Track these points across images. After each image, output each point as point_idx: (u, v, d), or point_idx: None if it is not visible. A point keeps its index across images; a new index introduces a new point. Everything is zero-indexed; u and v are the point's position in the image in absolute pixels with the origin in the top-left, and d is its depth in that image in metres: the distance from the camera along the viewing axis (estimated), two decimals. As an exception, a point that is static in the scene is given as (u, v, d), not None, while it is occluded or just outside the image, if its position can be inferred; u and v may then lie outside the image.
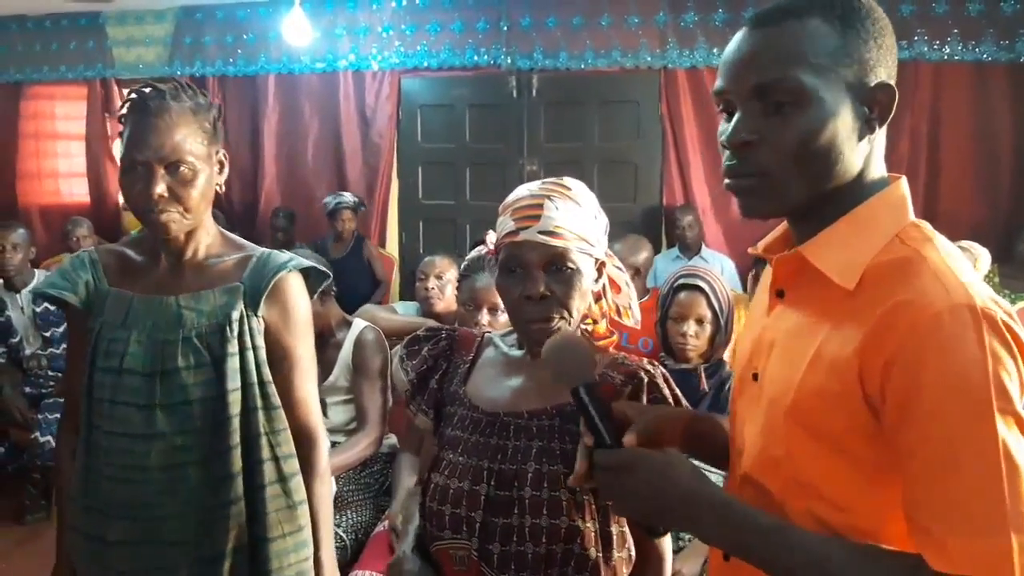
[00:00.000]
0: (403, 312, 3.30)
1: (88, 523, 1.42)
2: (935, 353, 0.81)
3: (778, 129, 0.90)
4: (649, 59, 5.08)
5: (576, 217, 1.26)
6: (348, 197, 5.17)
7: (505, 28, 5.24)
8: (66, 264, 1.49)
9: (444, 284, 3.21)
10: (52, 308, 3.53)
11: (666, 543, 1.35)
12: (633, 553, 1.29)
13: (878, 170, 0.96)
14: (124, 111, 1.41)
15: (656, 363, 1.35)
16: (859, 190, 0.93)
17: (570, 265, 1.25)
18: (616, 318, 1.40)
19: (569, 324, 1.27)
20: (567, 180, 1.31)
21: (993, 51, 4.65)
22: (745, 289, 4.69)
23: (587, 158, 5.23)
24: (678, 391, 1.32)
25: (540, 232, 1.23)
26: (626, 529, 1.28)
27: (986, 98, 4.73)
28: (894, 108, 0.91)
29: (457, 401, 1.35)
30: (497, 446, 1.27)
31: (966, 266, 0.88)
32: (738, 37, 0.95)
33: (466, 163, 5.49)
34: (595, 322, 1.38)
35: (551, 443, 1.25)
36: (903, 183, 0.96)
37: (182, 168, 1.37)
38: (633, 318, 1.41)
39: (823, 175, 0.91)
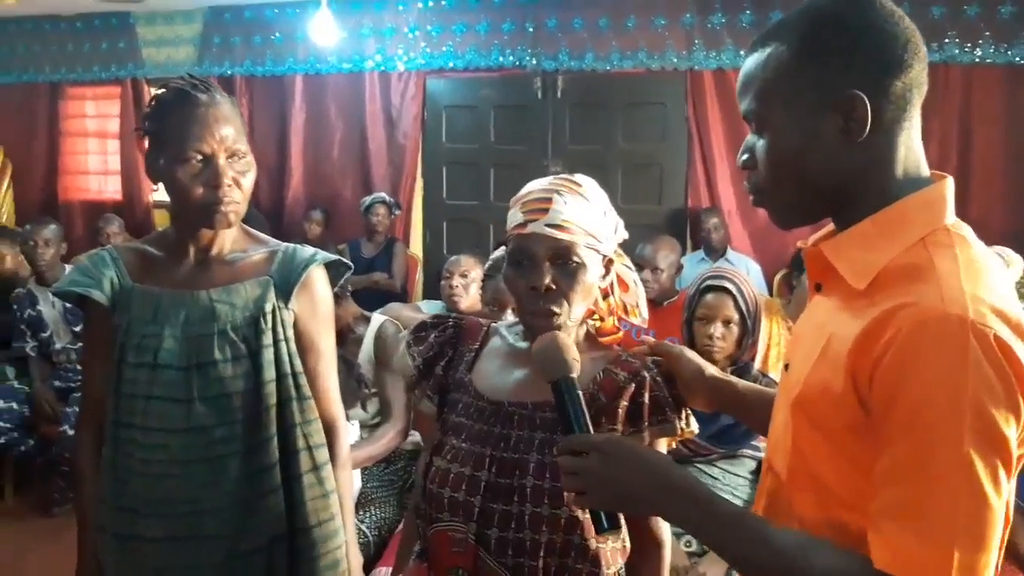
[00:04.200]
0: (428, 310, 3.31)
1: (119, 522, 1.41)
2: (914, 361, 0.81)
3: (760, 150, 0.98)
4: (675, 60, 5.06)
5: (584, 213, 1.27)
6: (385, 196, 5.29)
7: (531, 29, 5.25)
8: (86, 262, 1.47)
9: (468, 283, 3.24)
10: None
11: (665, 530, 1.36)
12: (628, 544, 1.31)
13: (912, 170, 0.95)
14: (163, 106, 1.40)
15: (656, 365, 1.33)
16: (884, 191, 0.93)
17: (575, 259, 1.26)
18: (623, 316, 1.41)
19: (569, 317, 1.28)
20: (578, 176, 1.32)
21: (1026, 54, 4.59)
22: (771, 293, 4.66)
23: (612, 160, 5.21)
24: (679, 392, 1.32)
25: (548, 225, 1.25)
26: (622, 519, 1.28)
27: (1018, 101, 4.67)
28: (868, 115, 0.90)
29: (462, 388, 1.37)
30: (500, 435, 1.28)
31: (992, 277, 0.86)
32: None
33: (490, 164, 5.50)
34: (602, 319, 1.39)
35: (553, 435, 1.26)
36: (946, 184, 0.95)
37: (242, 159, 1.41)
38: (640, 316, 1.42)
39: (805, 188, 0.96)
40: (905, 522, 0.80)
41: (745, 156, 1.01)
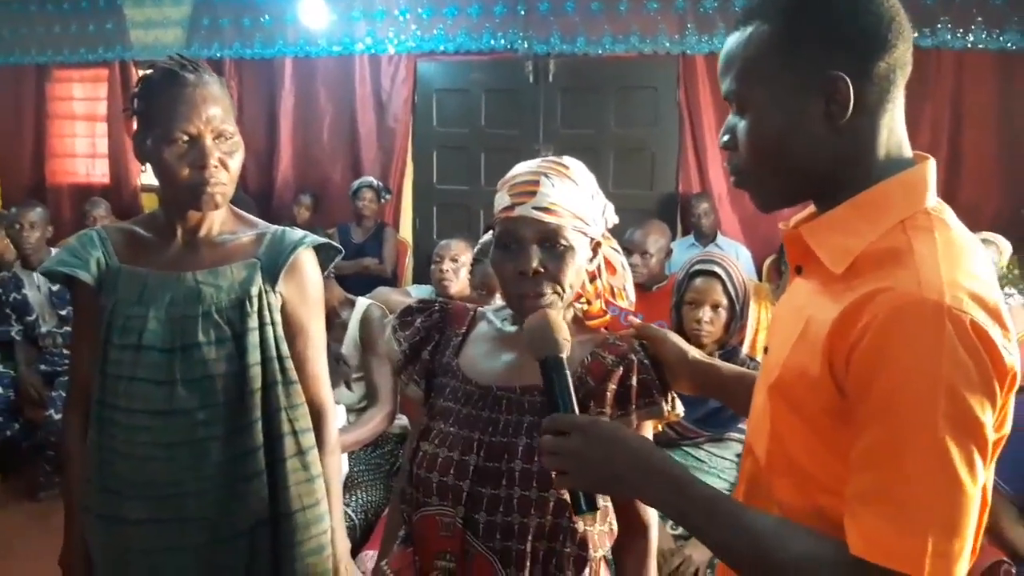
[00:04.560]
0: (417, 295, 3.30)
1: (103, 503, 1.41)
2: (890, 347, 0.80)
3: (741, 132, 0.96)
4: (668, 45, 5.04)
5: (572, 195, 1.26)
6: (372, 180, 5.25)
7: (523, 12, 5.21)
8: (74, 242, 1.46)
9: (459, 267, 3.24)
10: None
11: (652, 513, 1.36)
12: (615, 527, 1.31)
13: (895, 152, 0.94)
14: (151, 86, 1.39)
15: (643, 347, 1.33)
16: (865, 173, 0.92)
17: (563, 242, 1.25)
18: (610, 299, 1.40)
19: (562, 299, 1.28)
20: (566, 159, 1.31)
21: (1018, 40, 4.58)
22: (761, 278, 4.67)
23: (603, 144, 5.19)
24: (665, 376, 1.32)
25: (535, 208, 1.24)
26: (609, 503, 1.29)
27: (1010, 88, 4.67)
28: (851, 98, 0.89)
29: (449, 373, 1.36)
30: (489, 419, 1.28)
31: (971, 261, 0.86)
32: None
33: (481, 148, 5.47)
34: (589, 302, 1.39)
35: (542, 419, 1.24)
36: (927, 166, 0.93)
37: (229, 139, 1.39)
38: (627, 299, 1.42)
39: (786, 170, 0.94)
40: (879, 508, 0.79)
41: (726, 137, 0.99)
